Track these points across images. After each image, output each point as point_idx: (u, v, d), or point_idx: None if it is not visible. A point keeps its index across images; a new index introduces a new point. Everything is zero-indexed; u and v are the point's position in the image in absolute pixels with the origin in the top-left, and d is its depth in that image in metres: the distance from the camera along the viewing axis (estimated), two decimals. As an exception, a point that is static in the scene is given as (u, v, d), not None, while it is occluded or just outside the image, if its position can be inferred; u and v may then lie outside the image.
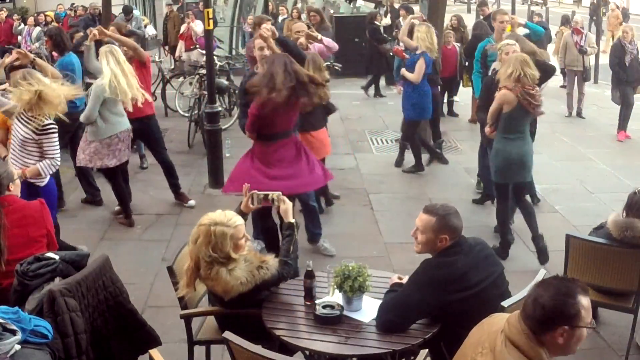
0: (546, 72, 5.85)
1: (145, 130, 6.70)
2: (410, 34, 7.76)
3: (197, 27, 12.75)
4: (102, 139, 6.06)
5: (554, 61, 13.97)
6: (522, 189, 5.78)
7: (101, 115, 6.00)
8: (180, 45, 13.27)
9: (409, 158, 8.27)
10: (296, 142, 5.23)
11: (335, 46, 6.76)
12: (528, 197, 6.19)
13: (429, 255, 3.42)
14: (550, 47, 14.00)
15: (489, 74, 6.41)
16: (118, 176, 6.43)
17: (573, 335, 2.33)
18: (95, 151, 6.10)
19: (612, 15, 19.78)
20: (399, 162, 8.20)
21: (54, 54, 7.46)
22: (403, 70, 7.69)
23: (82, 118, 6.04)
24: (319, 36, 6.42)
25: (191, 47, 13.08)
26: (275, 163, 5.10)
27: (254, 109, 4.91)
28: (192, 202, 6.89)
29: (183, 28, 13.46)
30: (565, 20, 13.99)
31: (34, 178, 4.72)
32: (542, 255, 5.62)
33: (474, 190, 7.34)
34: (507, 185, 5.66)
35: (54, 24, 15.01)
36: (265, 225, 5.39)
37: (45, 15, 16.46)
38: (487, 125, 5.70)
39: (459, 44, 10.39)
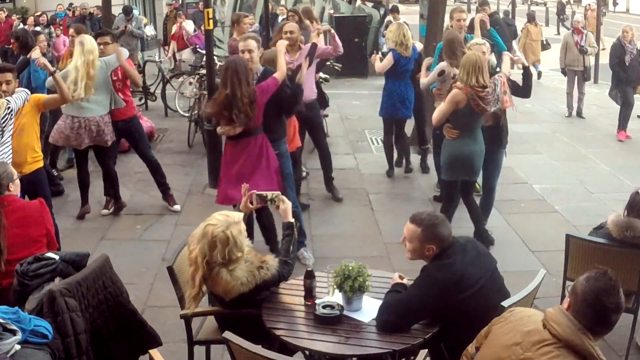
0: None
1: (128, 130, 6.70)
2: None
3: (189, 26, 12.71)
4: (66, 115, 6.22)
5: (518, 54, 14.06)
6: (468, 187, 5.79)
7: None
8: (172, 45, 13.23)
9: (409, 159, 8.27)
10: (260, 143, 5.17)
11: (341, 49, 6.76)
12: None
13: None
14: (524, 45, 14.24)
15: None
16: (84, 162, 6.59)
17: None
18: (59, 128, 6.23)
19: (591, 15, 17.71)
20: (398, 162, 8.19)
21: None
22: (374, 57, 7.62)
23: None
24: (332, 31, 6.46)
25: (186, 47, 12.98)
26: (239, 162, 5.15)
27: None
28: (177, 207, 6.84)
29: (174, 28, 13.40)
30: (531, 18, 14.01)
31: None
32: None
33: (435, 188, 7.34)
34: (455, 182, 5.68)
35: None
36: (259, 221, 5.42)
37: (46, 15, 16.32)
38: (441, 125, 5.61)
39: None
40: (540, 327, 2.46)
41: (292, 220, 3.74)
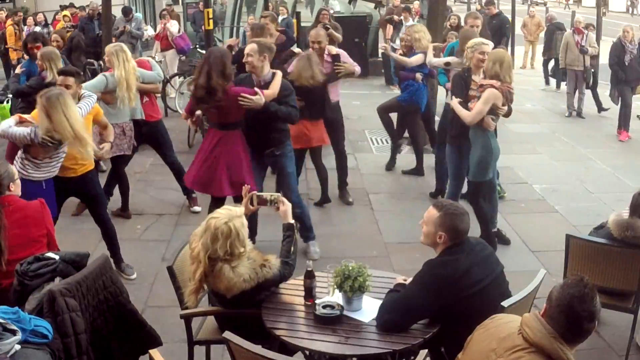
0: None
1: (152, 134, 6.71)
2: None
3: (173, 27, 12.64)
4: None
5: None
6: (492, 187, 5.80)
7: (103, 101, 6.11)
8: (156, 45, 13.17)
9: (409, 159, 8.28)
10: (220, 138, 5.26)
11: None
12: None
13: (429, 255, 3.42)
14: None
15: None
16: (120, 167, 6.57)
17: None
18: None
19: (532, 22, 16.05)
20: (389, 166, 8.19)
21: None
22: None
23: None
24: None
25: (171, 48, 12.86)
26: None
27: None
28: (197, 208, 6.80)
29: (158, 28, 13.33)
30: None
31: None
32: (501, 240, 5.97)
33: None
34: (485, 183, 5.65)
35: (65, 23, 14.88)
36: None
37: (64, 15, 16.09)
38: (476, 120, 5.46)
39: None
40: (515, 332, 2.45)
41: (292, 221, 3.75)
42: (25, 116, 4.85)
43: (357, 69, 6.78)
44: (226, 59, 5.09)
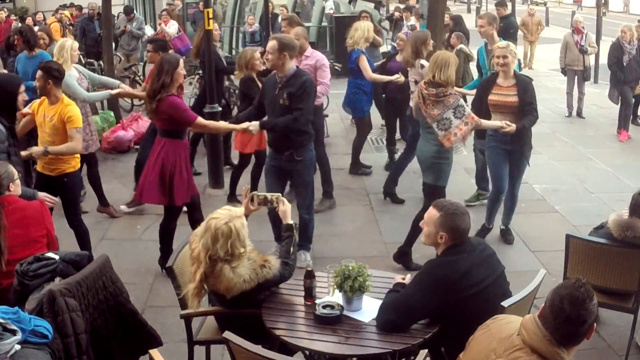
0: None
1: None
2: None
3: (170, 28, 12.58)
4: None
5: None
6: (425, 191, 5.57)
7: None
8: None
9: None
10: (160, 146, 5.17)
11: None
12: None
13: (429, 255, 3.42)
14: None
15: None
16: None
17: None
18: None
19: (532, 22, 15.27)
20: (388, 166, 8.19)
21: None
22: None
23: None
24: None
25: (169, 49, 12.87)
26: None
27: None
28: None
29: (158, 28, 13.32)
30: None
31: None
32: None
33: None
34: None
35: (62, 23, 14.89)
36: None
37: (63, 14, 16.07)
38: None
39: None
40: (515, 333, 2.46)
41: (292, 222, 3.75)
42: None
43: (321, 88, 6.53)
44: (170, 68, 4.97)
